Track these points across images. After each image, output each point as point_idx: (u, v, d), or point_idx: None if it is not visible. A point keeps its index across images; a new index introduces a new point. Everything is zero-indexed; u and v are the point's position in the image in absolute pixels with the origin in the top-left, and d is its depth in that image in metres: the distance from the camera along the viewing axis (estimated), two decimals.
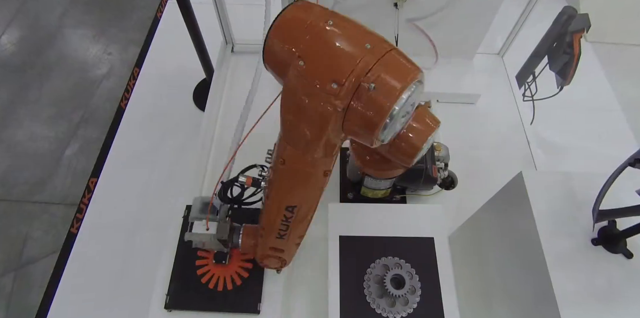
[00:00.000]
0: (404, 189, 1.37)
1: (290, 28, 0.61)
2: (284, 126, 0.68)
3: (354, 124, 0.61)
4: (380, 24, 1.47)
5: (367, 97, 0.56)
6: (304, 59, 0.58)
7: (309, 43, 0.58)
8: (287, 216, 0.82)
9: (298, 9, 0.62)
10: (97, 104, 2.55)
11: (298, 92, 0.61)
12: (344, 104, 0.58)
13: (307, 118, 0.62)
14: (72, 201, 2.17)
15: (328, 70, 0.57)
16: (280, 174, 0.75)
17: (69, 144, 2.39)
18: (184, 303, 1.06)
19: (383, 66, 0.56)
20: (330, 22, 0.59)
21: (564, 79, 1.64)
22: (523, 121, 1.66)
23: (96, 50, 2.81)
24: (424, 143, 0.98)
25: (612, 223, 0.88)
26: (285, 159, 0.71)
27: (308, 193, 0.80)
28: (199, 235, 0.95)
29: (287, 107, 0.65)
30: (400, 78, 0.57)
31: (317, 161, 0.71)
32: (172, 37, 2.69)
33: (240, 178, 0.89)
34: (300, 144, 0.68)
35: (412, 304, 1.00)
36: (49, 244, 2.06)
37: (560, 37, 1.60)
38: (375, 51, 0.57)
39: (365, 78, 0.56)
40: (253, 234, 0.98)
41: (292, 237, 0.90)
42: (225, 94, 1.73)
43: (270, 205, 0.83)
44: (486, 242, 1.18)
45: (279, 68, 0.63)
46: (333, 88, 0.56)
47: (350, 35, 0.59)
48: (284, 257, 0.98)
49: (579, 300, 0.81)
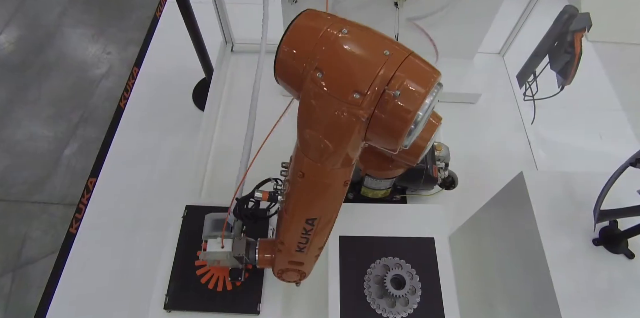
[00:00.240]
0: (404, 189, 1.37)
1: (303, 39, 0.59)
2: (303, 139, 0.66)
3: (377, 133, 0.59)
4: (381, 23, 1.47)
5: (392, 105, 0.55)
6: (322, 70, 0.56)
7: (326, 53, 0.57)
8: (307, 229, 0.80)
9: (308, 19, 0.60)
10: (96, 103, 2.55)
11: (317, 105, 0.59)
12: (367, 113, 0.56)
13: (329, 131, 0.61)
14: (71, 201, 2.17)
15: (349, 80, 0.56)
16: (299, 187, 0.74)
17: (68, 144, 2.39)
18: (183, 304, 1.06)
19: (404, 72, 0.55)
20: (344, 30, 0.58)
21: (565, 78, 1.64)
22: (524, 121, 1.66)
23: (95, 49, 2.81)
24: (429, 141, 0.98)
25: (614, 223, 0.88)
26: (304, 172, 0.69)
27: (328, 204, 0.78)
28: (215, 254, 0.93)
29: (305, 120, 0.63)
30: (423, 83, 0.56)
31: (337, 172, 0.69)
32: (171, 36, 2.68)
33: (256, 193, 0.86)
34: (320, 157, 0.66)
35: (412, 304, 1.00)
36: (48, 244, 2.06)
37: (561, 37, 1.60)
38: (394, 57, 0.56)
39: (390, 85, 0.55)
40: (270, 248, 0.96)
41: (312, 249, 0.88)
42: (224, 94, 1.73)
43: (290, 219, 0.80)
44: (487, 242, 1.18)
45: (294, 81, 0.61)
46: (355, 98, 0.55)
47: (367, 43, 0.58)
48: (303, 270, 0.95)
49: (580, 301, 0.81)
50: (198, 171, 1.47)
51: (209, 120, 1.62)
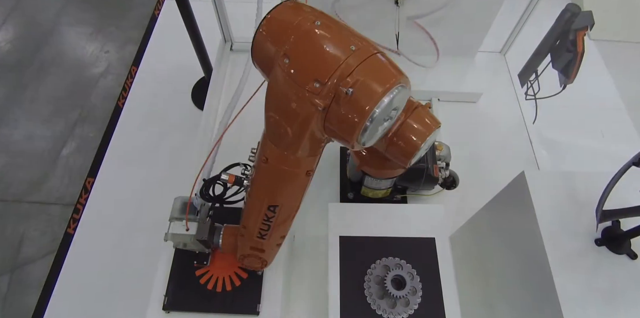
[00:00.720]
0: (405, 189, 1.37)
1: (278, 26, 0.63)
2: (267, 123, 0.69)
3: (334, 125, 0.62)
4: (381, 21, 1.47)
5: (344, 101, 0.58)
6: (289, 56, 0.59)
7: (295, 41, 0.60)
8: (269, 216, 0.82)
9: (287, 9, 0.64)
10: (94, 103, 2.55)
11: (281, 89, 0.62)
12: (324, 103, 0.59)
13: (289, 116, 0.64)
14: (69, 201, 2.17)
15: (311, 69, 0.59)
16: (262, 172, 0.77)
17: (65, 143, 2.39)
18: (182, 305, 1.06)
19: (365, 68, 0.58)
20: (317, 22, 0.60)
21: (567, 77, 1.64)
22: (525, 120, 1.66)
23: (93, 48, 2.81)
24: (423, 143, 0.98)
25: (616, 224, 0.88)
26: (268, 157, 0.72)
27: (290, 192, 0.81)
28: (179, 236, 0.95)
29: (270, 104, 0.67)
30: (382, 81, 0.58)
31: (300, 161, 0.72)
32: (170, 35, 2.69)
33: (223, 175, 0.89)
34: (282, 143, 0.69)
35: (413, 305, 1.00)
36: (46, 244, 2.06)
37: (563, 35, 1.60)
38: (359, 53, 0.58)
39: (344, 82, 0.57)
40: (234, 234, 0.98)
41: (274, 237, 0.91)
42: (224, 93, 1.73)
43: (252, 204, 0.84)
44: (488, 243, 1.18)
45: (266, 65, 0.65)
46: (315, 87, 0.58)
47: (337, 36, 0.61)
48: (264, 257, 0.97)
49: (582, 302, 0.81)
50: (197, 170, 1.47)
51: (208, 120, 1.61)
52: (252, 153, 0.83)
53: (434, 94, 1.65)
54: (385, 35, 1.51)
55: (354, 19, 1.50)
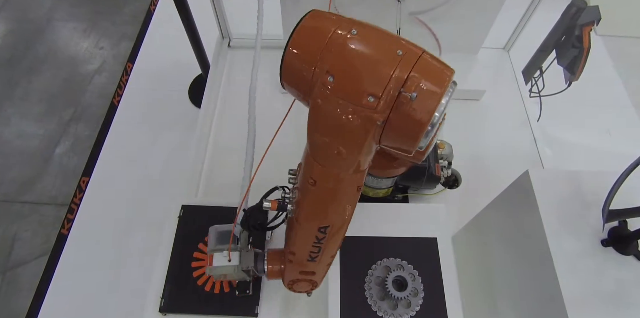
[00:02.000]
0: (406, 189, 1.37)
1: (311, 41, 0.58)
2: (314, 145, 0.65)
3: (393, 136, 0.59)
4: (382, 17, 1.48)
5: (408, 108, 0.55)
6: (333, 74, 0.56)
7: (337, 56, 0.56)
8: (320, 238, 0.80)
9: (315, 20, 0.59)
10: (88, 100, 2.55)
11: (330, 110, 0.58)
12: (383, 117, 0.56)
13: (342, 136, 0.60)
14: (63, 201, 2.17)
15: (362, 83, 0.55)
16: (311, 195, 0.73)
17: (59, 142, 2.39)
18: (179, 307, 1.06)
19: (419, 72, 0.55)
20: (353, 31, 0.57)
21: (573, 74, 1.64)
22: (529, 118, 1.66)
23: (87, 44, 2.81)
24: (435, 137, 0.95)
25: (623, 224, 0.88)
26: (316, 179, 0.69)
27: (341, 211, 0.78)
28: (222, 268, 0.93)
29: (317, 126, 0.62)
30: (439, 83, 0.55)
31: (351, 178, 0.69)
32: (166, 31, 2.69)
33: (265, 203, 0.84)
34: (333, 163, 0.66)
35: (414, 307, 1.00)
36: (39, 246, 2.06)
37: (569, 31, 1.60)
38: (407, 57, 0.55)
39: (406, 87, 0.54)
40: (278, 258, 0.96)
41: (325, 258, 0.88)
42: (221, 91, 1.73)
43: (301, 228, 0.80)
44: (491, 243, 1.18)
45: (302, 86, 0.61)
46: (370, 102, 0.55)
47: (378, 43, 0.57)
48: (315, 279, 0.95)
49: (588, 304, 0.81)
50: (194, 170, 1.47)
51: (205, 117, 1.62)
52: (291, 175, 0.80)
53: None
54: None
55: (354, 15, 1.49)
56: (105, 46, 2.80)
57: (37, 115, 2.50)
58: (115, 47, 2.79)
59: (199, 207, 1.18)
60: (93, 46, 2.80)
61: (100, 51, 2.78)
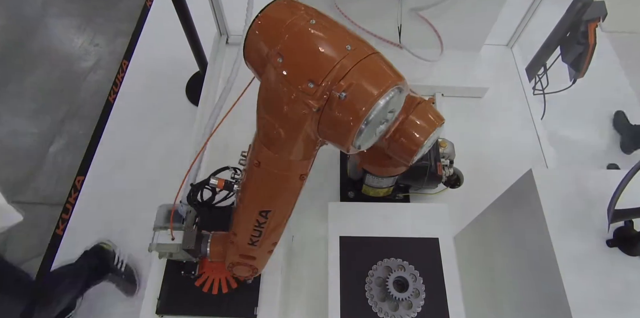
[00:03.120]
0: (407, 188, 1.37)
1: (271, 25, 0.63)
2: (260, 125, 0.70)
3: (328, 128, 0.62)
4: (383, 13, 1.48)
5: (339, 104, 0.58)
6: (283, 56, 0.60)
7: (289, 40, 0.60)
8: (261, 222, 0.82)
9: (281, 7, 0.64)
10: (83, 98, 2.55)
11: (274, 90, 0.62)
12: (319, 104, 0.59)
13: (282, 117, 0.64)
14: (58, 200, 2.17)
15: (306, 68, 0.59)
16: (254, 176, 0.77)
17: (53, 140, 2.39)
18: (176, 308, 1.06)
19: (361, 69, 0.58)
20: (312, 21, 0.61)
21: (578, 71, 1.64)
22: (533, 116, 1.66)
23: (82, 41, 2.81)
24: (425, 140, 0.99)
25: (629, 224, 0.88)
26: (260, 161, 0.72)
27: (283, 197, 0.81)
28: (164, 246, 0.94)
29: (263, 105, 0.67)
30: (378, 84, 0.58)
31: (293, 164, 0.72)
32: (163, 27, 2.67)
33: (212, 180, 0.89)
34: (276, 146, 0.69)
35: (416, 308, 1.00)
36: (33, 246, 2.06)
37: (574, 27, 1.60)
38: (355, 53, 0.58)
39: (337, 85, 0.57)
40: (222, 242, 0.98)
41: (265, 244, 0.91)
42: (219, 88, 1.73)
43: (243, 209, 0.84)
44: (494, 243, 1.19)
45: (259, 65, 0.66)
46: (309, 87, 0.58)
47: (332, 36, 0.61)
48: (255, 265, 0.97)
49: (593, 305, 0.81)
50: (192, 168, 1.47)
51: (203, 116, 1.62)
52: (243, 157, 0.83)
53: (438, 89, 1.65)
54: (387, 28, 1.51)
55: (354, 11, 1.50)
56: (101, 42, 2.80)
57: (30, 113, 2.50)
58: (111, 43, 2.79)
59: None
60: (88, 43, 2.80)
61: (95, 47, 2.78)
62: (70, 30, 2.86)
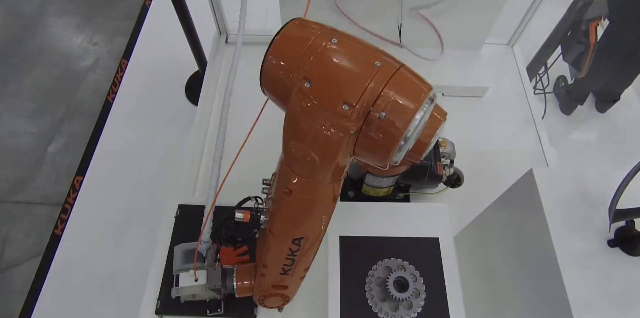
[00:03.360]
0: (408, 188, 1.37)
1: (291, 48, 0.60)
2: (289, 153, 0.66)
3: (366, 148, 0.60)
4: (383, 12, 1.48)
5: (378, 124, 0.57)
6: (310, 80, 0.57)
7: (315, 63, 0.58)
8: (293, 250, 0.79)
9: (297, 28, 0.62)
10: (82, 97, 2.55)
11: (305, 116, 0.60)
12: (356, 126, 0.57)
13: (316, 143, 0.61)
14: (56, 200, 2.17)
15: (338, 91, 0.57)
16: (285, 205, 0.73)
17: (52, 140, 2.39)
18: (175, 309, 1.06)
19: (394, 86, 0.56)
20: (334, 40, 0.59)
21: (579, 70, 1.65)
22: (534, 116, 1.66)
23: (81, 40, 2.81)
24: (432, 137, 0.98)
25: (630, 224, 0.88)
26: (291, 189, 0.69)
27: (317, 222, 0.78)
28: (189, 289, 0.91)
29: (292, 133, 0.64)
30: (413, 99, 0.57)
31: (326, 188, 0.70)
32: (162, 26, 2.68)
33: (237, 214, 0.82)
34: (308, 172, 0.67)
35: (416, 308, 1.00)
36: (31, 247, 2.06)
37: (575, 26, 1.61)
38: (385, 69, 0.57)
39: (375, 106, 0.56)
40: (248, 274, 0.95)
41: (298, 271, 0.87)
42: (219, 88, 1.72)
43: (274, 240, 0.79)
44: (494, 243, 1.19)
45: (280, 92, 0.63)
46: (344, 110, 0.56)
47: (358, 53, 0.59)
48: (287, 294, 0.95)
49: (594, 306, 0.81)
50: (191, 168, 1.47)
51: (202, 115, 1.61)
52: (265, 185, 0.80)
53: (438, 88, 1.65)
54: (387, 27, 1.51)
55: (354, 10, 1.50)
56: (100, 41, 2.80)
57: (29, 113, 2.50)
58: (110, 43, 2.79)
59: (196, 207, 1.18)
60: (87, 42, 2.80)
61: (94, 46, 2.78)
62: (69, 29, 2.86)
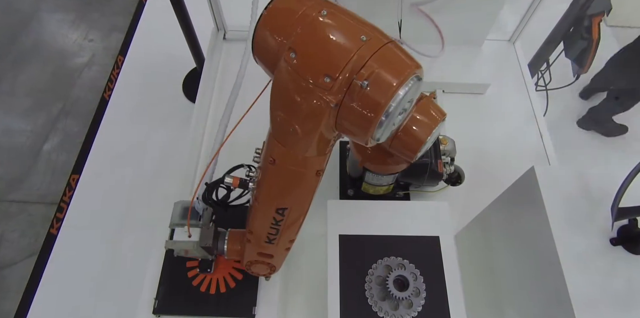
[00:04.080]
0: (408, 186, 1.37)
1: (281, 18, 0.62)
2: (274, 122, 0.68)
3: (347, 122, 0.61)
4: (383, 8, 1.47)
5: (360, 94, 0.57)
6: (295, 50, 0.58)
7: (301, 34, 0.59)
8: (277, 219, 0.82)
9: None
10: (78, 95, 2.55)
11: (289, 86, 0.61)
12: (337, 99, 0.58)
13: (298, 114, 0.63)
14: (52, 199, 2.17)
15: (321, 63, 0.58)
16: (269, 174, 0.76)
17: (47, 138, 2.39)
18: (173, 308, 1.07)
19: (379, 59, 0.57)
20: (324, 12, 0.60)
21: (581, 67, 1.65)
22: (535, 113, 1.66)
23: (76, 36, 2.80)
24: (428, 136, 0.99)
25: (633, 222, 0.88)
26: (275, 158, 0.72)
27: (299, 194, 0.81)
28: (181, 243, 0.94)
29: (277, 102, 0.66)
30: (397, 73, 0.57)
31: (309, 160, 0.72)
32: (159, 22, 2.68)
33: (227, 179, 0.88)
34: (291, 142, 0.69)
35: (416, 307, 1.00)
36: (27, 246, 2.07)
37: (577, 21, 1.60)
38: (371, 43, 0.57)
39: (358, 74, 0.56)
40: (239, 239, 0.99)
41: (282, 241, 0.91)
42: (217, 85, 1.72)
43: (259, 208, 0.83)
44: (495, 242, 1.19)
45: (269, 61, 0.64)
46: (326, 82, 0.57)
47: (346, 27, 0.60)
48: (273, 263, 0.98)
49: (596, 305, 0.81)
50: (189, 166, 1.47)
51: (200, 113, 1.61)
52: (257, 154, 0.83)
53: (439, 85, 1.65)
54: (386, 23, 1.50)
55: (353, 5, 1.49)
56: (95, 38, 2.79)
57: (24, 110, 2.49)
58: (106, 39, 2.78)
59: None
60: (82, 38, 2.79)
61: (90, 43, 2.77)
62: (64, 25, 2.85)
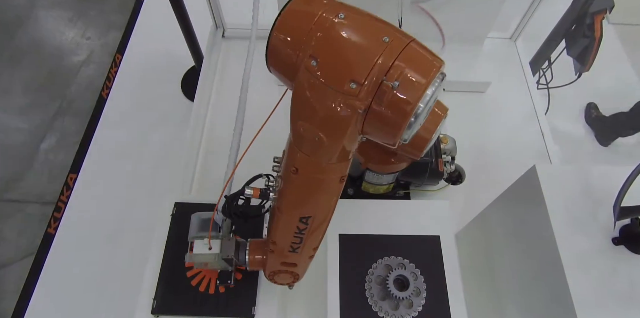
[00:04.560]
0: (408, 185, 1.37)
1: (297, 24, 0.59)
2: (296, 132, 0.66)
3: (375, 126, 0.60)
4: (383, 6, 1.47)
5: (390, 97, 0.55)
6: (316, 58, 0.57)
7: (321, 40, 0.57)
8: (301, 228, 0.81)
9: (303, 2, 0.61)
10: (75, 93, 2.54)
11: (312, 95, 0.59)
12: (364, 105, 0.57)
13: (323, 123, 0.61)
14: (50, 198, 2.17)
15: (345, 69, 0.56)
16: (292, 183, 0.74)
17: (44, 137, 2.39)
18: (172, 308, 1.07)
19: (404, 60, 0.55)
20: (341, 15, 0.58)
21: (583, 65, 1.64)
22: (537, 111, 1.67)
23: (73, 34, 2.80)
24: (433, 133, 0.99)
25: (636, 221, 0.88)
26: (298, 167, 0.70)
27: (323, 201, 0.79)
28: (201, 256, 0.93)
29: (299, 112, 0.63)
30: (424, 73, 0.56)
31: (333, 167, 0.70)
32: (157, 20, 2.67)
33: (247, 190, 0.86)
34: (315, 151, 0.67)
35: (416, 307, 1.00)
36: (24, 246, 2.06)
37: (579, 19, 1.60)
38: (394, 44, 0.56)
39: (388, 75, 0.55)
40: (261, 249, 0.97)
41: (306, 250, 0.89)
42: (215, 83, 1.73)
43: (282, 217, 0.82)
44: (496, 241, 1.19)
45: (287, 70, 0.62)
46: (352, 88, 0.56)
47: (366, 29, 0.58)
48: (296, 271, 0.97)
49: (598, 305, 0.81)
50: (188, 166, 1.47)
51: (199, 111, 1.62)
52: (276, 163, 0.82)
53: None
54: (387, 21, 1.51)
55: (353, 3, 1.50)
56: (93, 35, 2.79)
57: (21, 109, 2.49)
58: (103, 37, 2.78)
59: (192, 204, 1.18)
60: (79, 36, 2.79)
61: (87, 41, 2.77)
62: (61, 22, 2.85)
